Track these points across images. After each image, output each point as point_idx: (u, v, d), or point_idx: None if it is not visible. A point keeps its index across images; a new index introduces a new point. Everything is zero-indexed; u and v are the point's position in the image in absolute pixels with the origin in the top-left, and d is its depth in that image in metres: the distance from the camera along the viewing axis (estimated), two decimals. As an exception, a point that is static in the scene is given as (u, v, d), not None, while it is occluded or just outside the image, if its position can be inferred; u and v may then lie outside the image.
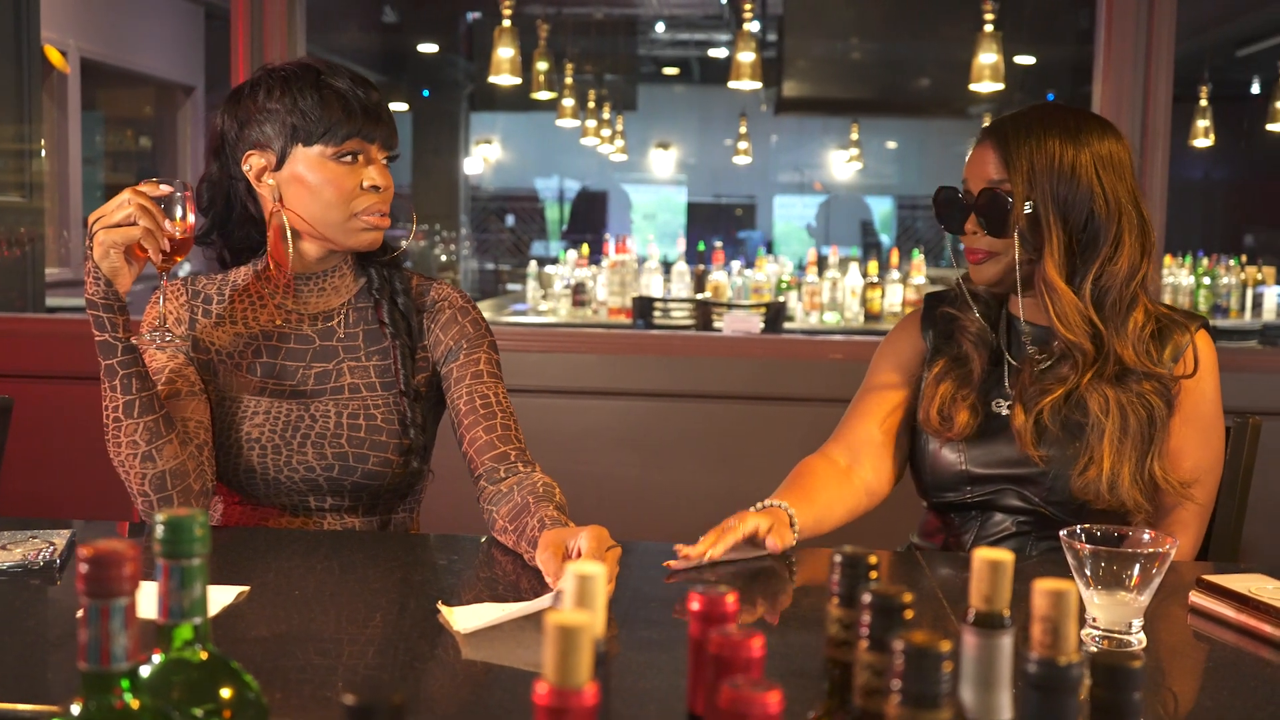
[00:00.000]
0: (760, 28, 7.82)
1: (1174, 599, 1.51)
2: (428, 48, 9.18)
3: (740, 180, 11.21)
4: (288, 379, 1.82)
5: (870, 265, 5.93)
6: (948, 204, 1.89)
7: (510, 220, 11.09)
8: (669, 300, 5.35)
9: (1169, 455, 1.80)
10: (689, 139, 11.30)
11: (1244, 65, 8.27)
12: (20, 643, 1.33)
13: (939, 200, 1.91)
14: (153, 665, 0.82)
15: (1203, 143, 7.43)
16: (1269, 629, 1.38)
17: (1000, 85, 5.07)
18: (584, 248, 6.37)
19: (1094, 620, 1.33)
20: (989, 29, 4.96)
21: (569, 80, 7.36)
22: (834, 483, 1.87)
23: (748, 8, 5.02)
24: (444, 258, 8.80)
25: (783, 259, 7.02)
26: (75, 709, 0.75)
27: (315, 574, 1.56)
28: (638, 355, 3.07)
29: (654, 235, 9.94)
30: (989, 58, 4.99)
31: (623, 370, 3.03)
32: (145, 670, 0.81)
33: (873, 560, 0.80)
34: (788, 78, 7.38)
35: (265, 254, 1.87)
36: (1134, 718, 0.74)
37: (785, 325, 5.34)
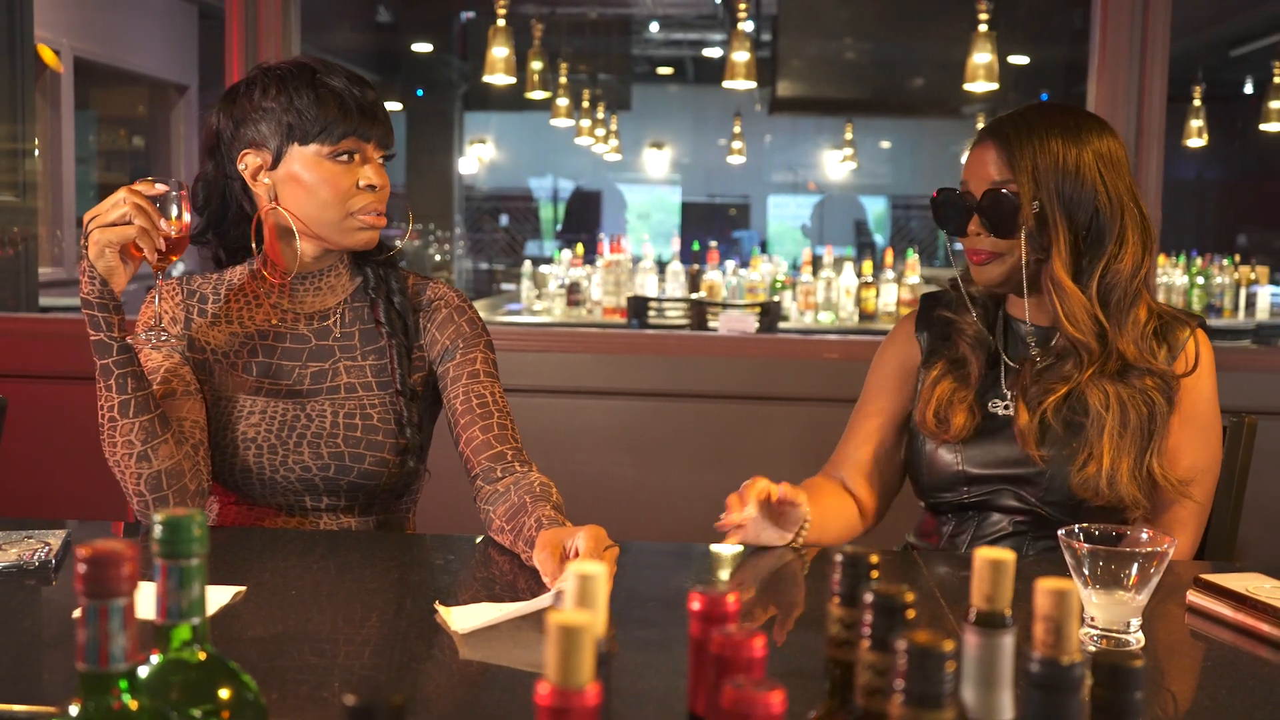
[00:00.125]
0: (754, 27, 7.82)
1: (1171, 598, 1.51)
2: (422, 47, 9.18)
3: (734, 180, 11.22)
4: (284, 378, 1.81)
5: (865, 265, 5.94)
6: (949, 205, 1.87)
7: (504, 220, 11.09)
8: (664, 300, 5.35)
9: (1167, 454, 1.80)
10: (683, 139, 11.31)
11: (1237, 65, 8.28)
12: (15, 643, 1.32)
13: (939, 202, 1.89)
14: (151, 666, 0.81)
15: (1196, 143, 7.45)
16: (1267, 628, 1.38)
17: (994, 85, 5.07)
18: (579, 247, 6.37)
19: (1092, 620, 1.33)
20: (983, 29, 4.96)
21: (563, 80, 7.36)
22: (836, 497, 1.93)
23: (742, 7, 5.02)
24: (438, 257, 8.80)
25: (777, 259, 7.02)
26: (73, 710, 0.75)
27: (311, 574, 1.56)
28: (633, 355, 3.07)
29: (648, 235, 9.95)
30: (983, 57, 4.99)
31: (618, 370, 3.03)
32: (143, 671, 0.81)
33: (874, 560, 0.80)
34: (782, 77, 7.39)
35: (261, 253, 1.87)
36: (1135, 717, 0.74)
37: (780, 325, 5.34)
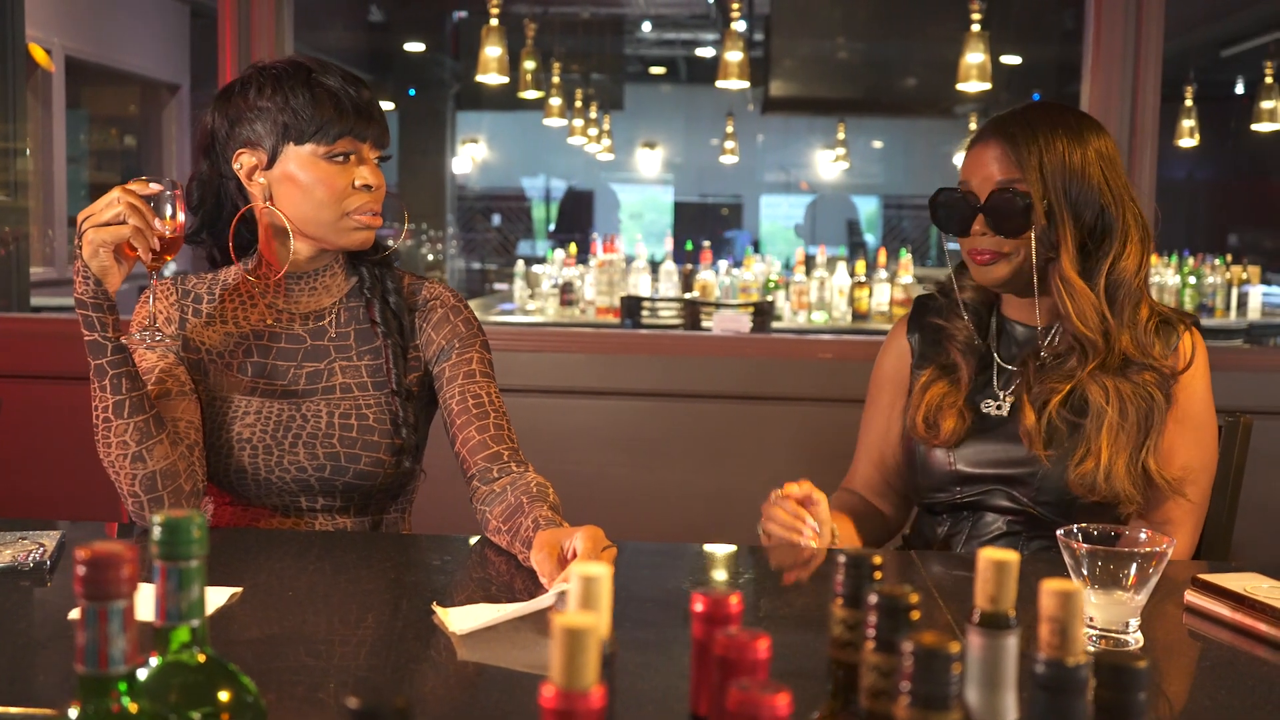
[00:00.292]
0: (747, 27, 7.82)
1: (1168, 598, 1.51)
2: (414, 47, 9.16)
3: (727, 180, 11.23)
4: (279, 379, 1.80)
5: (858, 265, 5.94)
6: (951, 205, 1.86)
7: (497, 220, 11.08)
8: (657, 300, 5.34)
9: (1162, 452, 1.80)
10: (675, 138, 11.31)
11: (1228, 65, 8.30)
12: (11, 645, 1.32)
13: (940, 202, 1.88)
14: (150, 668, 0.81)
15: (1188, 143, 7.46)
16: (1265, 628, 1.37)
17: (987, 85, 5.07)
18: (571, 247, 6.37)
19: (1091, 620, 1.33)
20: (976, 29, 4.97)
21: (556, 79, 7.35)
22: (859, 510, 2.01)
23: (735, 7, 5.02)
24: (431, 257, 8.79)
25: (770, 258, 7.02)
26: (73, 713, 0.74)
27: (307, 575, 1.55)
28: (627, 355, 3.06)
29: (641, 235, 9.95)
30: (976, 57, 5.00)
31: (612, 370, 3.03)
32: (143, 673, 0.80)
33: (877, 560, 0.79)
34: (774, 77, 7.38)
35: (256, 253, 1.86)
36: (1138, 718, 0.74)
37: (773, 325, 5.34)
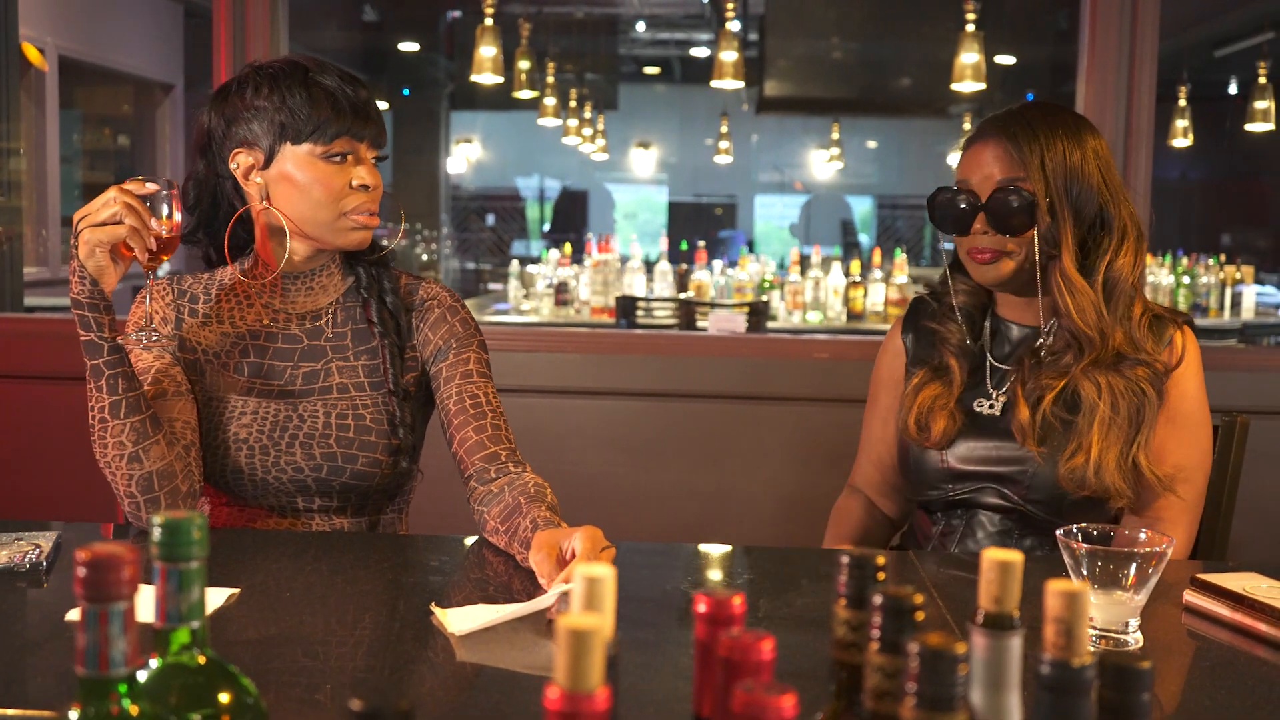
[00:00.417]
0: (741, 27, 7.82)
1: (1166, 597, 1.51)
2: (408, 46, 9.15)
3: (721, 180, 11.23)
4: (275, 379, 1.80)
5: (853, 265, 5.94)
6: (952, 205, 1.86)
7: (491, 219, 11.08)
8: (652, 300, 5.34)
9: (1153, 449, 1.80)
10: (670, 138, 11.31)
11: (1222, 65, 8.32)
12: (7, 647, 1.31)
13: (940, 202, 1.87)
14: (150, 670, 0.80)
15: (1181, 143, 7.47)
16: (1265, 627, 1.37)
17: (982, 85, 5.07)
18: (566, 247, 6.36)
19: (1090, 620, 1.33)
20: (970, 29, 4.96)
21: (550, 79, 7.35)
22: (862, 524, 2.06)
23: (729, 7, 5.02)
24: (425, 257, 8.78)
25: (764, 258, 7.02)
26: (73, 715, 0.74)
27: (304, 576, 1.55)
28: (622, 355, 3.06)
29: (635, 235, 9.95)
30: (970, 57, 4.99)
31: (607, 370, 3.02)
32: (143, 675, 0.80)
33: (880, 561, 0.79)
34: (769, 77, 7.38)
35: (252, 253, 1.85)
36: (1142, 719, 0.74)
37: (768, 325, 5.33)
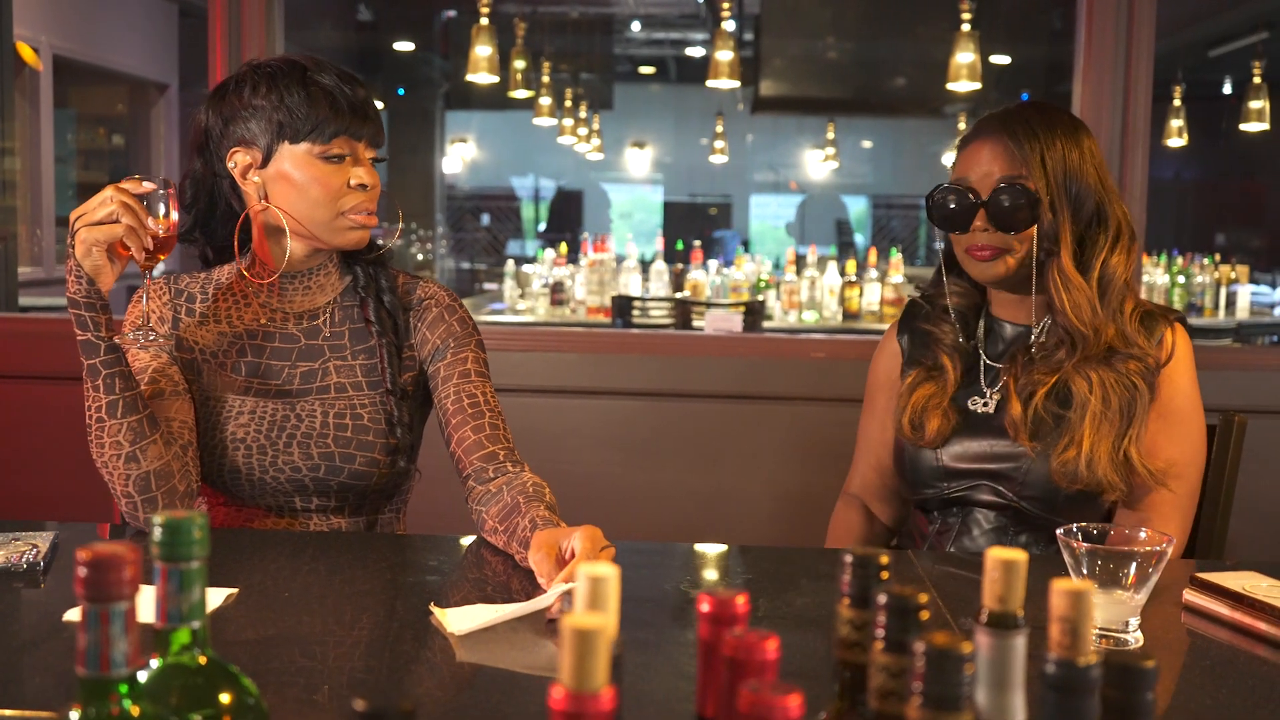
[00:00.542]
0: (737, 27, 7.81)
1: (1164, 596, 1.51)
2: (403, 46, 9.14)
3: (716, 179, 11.23)
4: (273, 378, 1.79)
5: (848, 264, 5.94)
6: (952, 202, 1.86)
7: (486, 219, 11.07)
8: (648, 299, 5.33)
9: (1145, 444, 1.80)
10: (665, 138, 11.32)
11: (1216, 65, 8.33)
12: (4, 647, 1.31)
13: (940, 199, 1.87)
14: (151, 670, 0.80)
15: (1176, 142, 7.48)
16: (1265, 626, 1.37)
17: (977, 84, 5.07)
18: (562, 246, 6.36)
19: (1090, 619, 1.33)
20: (966, 28, 4.97)
21: (545, 79, 7.34)
22: (864, 531, 2.06)
23: (725, 7, 5.01)
24: (420, 256, 8.77)
25: (760, 258, 7.02)
26: (73, 715, 0.74)
27: (302, 576, 1.54)
28: (619, 354, 3.05)
29: (631, 234, 9.95)
30: (966, 57, 5.00)
31: (604, 369, 3.02)
32: (143, 675, 0.80)
33: (884, 560, 0.79)
34: (764, 77, 7.39)
35: (249, 252, 1.85)
36: (1146, 718, 0.73)
37: (764, 324, 5.33)
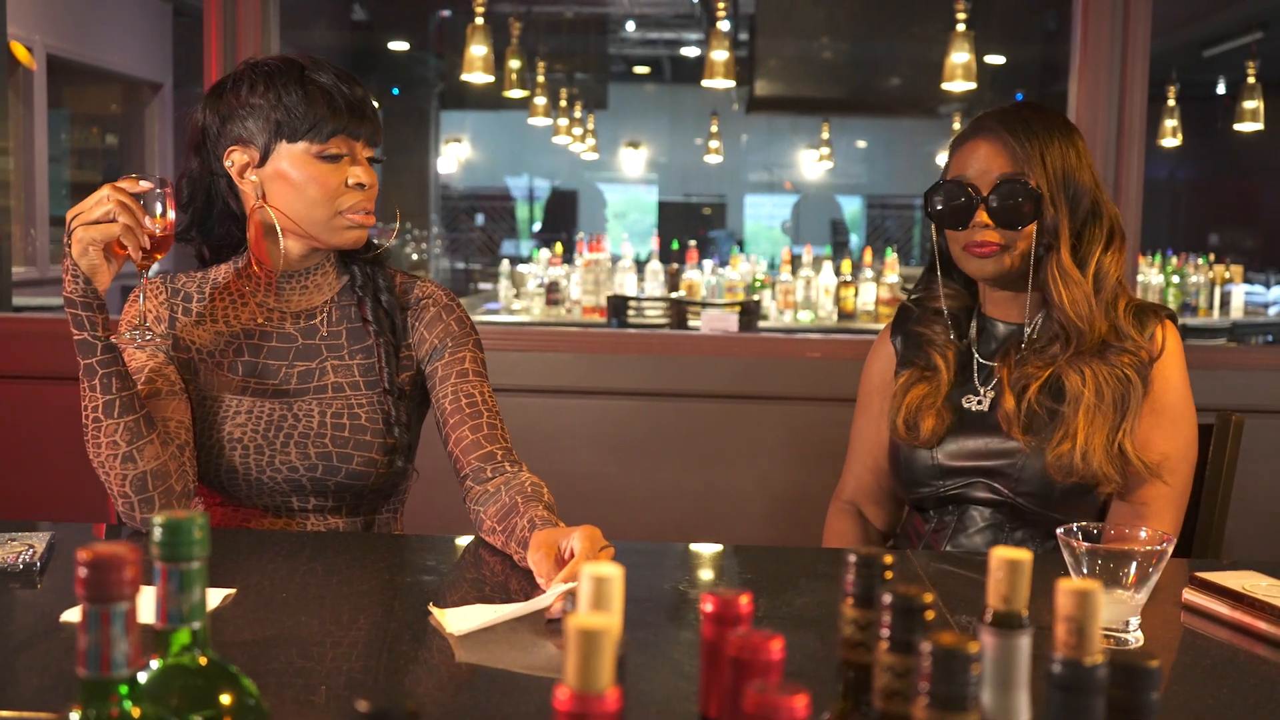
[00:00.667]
0: (731, 27, 7.81)
1: (1163, 596, 1.51)
2: (398, 45, 9.13)
3: (711, 179, 11.23)
4: (270, 378, 1.79)
5: (843, 264, 5.94)
6: (953, 198, 1.86)
7: (481, 219, 11.06)
8: (643, 299, 5.33)
9: (1139, 437, 1.82)
10: (660, 138, 11.31)
11: (1211, 65, 8.34)
12: (2, 648, 1.30)
13: (938, 196, 1.88)
14: (151, 671, 0.80)
15: (1170, 142, 7.49)
16: (1265, 626, 1.37)
17: (972, 84, 5.08)
18: (557, 246, 6.36)
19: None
20: (961, 28, 4.97)
21: (540, 78, 7.34)
22: (860, 540, 2.06)
23: (720, 7, 5.02)
24: (415, 256, 8.76)
25: (755, 258, 7.02)
26: (74, 717, 0.73)
27: (299, 576, 1.54)
28: (614, 354, 3.05)
29: (626, 234, 9.94)
30: (961, 57, 5.01)
31: (599, 369, 3.01)
32: (143, 676, 0.79)
33: (888, 560, 0.79)
34: (759, 77, 7.38)
35: (246, 251, 1.84)
36: (1150, 718, 0.73)
37: (759, 324, 5.33)
